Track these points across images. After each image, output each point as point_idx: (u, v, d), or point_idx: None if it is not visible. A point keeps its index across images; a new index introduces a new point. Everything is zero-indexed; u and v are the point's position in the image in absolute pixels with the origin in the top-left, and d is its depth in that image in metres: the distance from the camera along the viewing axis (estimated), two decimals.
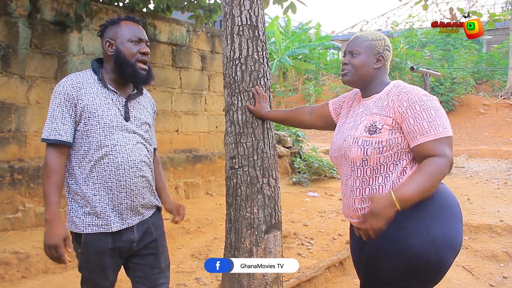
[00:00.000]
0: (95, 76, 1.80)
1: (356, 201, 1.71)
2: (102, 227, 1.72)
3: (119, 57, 1.77)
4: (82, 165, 1.73)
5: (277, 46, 18.43)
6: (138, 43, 1.80)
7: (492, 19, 3.95)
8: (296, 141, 7.88)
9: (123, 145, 1.74)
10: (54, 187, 1.68)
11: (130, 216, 1.78)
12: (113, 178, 1.72)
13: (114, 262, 1.79)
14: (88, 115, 1.71)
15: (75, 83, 1.74)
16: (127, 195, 1.75)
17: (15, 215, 3.87)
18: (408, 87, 1.67)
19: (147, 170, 1.83)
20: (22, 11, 4.00)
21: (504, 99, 16.26)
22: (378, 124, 1.65)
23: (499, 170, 8.71)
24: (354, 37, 1.85)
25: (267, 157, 2.37)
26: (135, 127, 1.81)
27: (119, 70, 1.78)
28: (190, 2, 5.04)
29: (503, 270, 3.66)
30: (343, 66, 1.82)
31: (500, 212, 4.99)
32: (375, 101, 1.74)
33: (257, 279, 2.30)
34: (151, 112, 1.97)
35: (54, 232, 1.66)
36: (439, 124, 1.57)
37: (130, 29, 1.80)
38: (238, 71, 2.36)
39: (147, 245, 1.86)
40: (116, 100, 1.79)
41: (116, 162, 1.72)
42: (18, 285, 3.04)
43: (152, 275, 1.88)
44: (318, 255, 3.70)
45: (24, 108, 4.04)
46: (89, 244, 1.73)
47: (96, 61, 1.85)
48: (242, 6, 2.35)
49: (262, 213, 2.32)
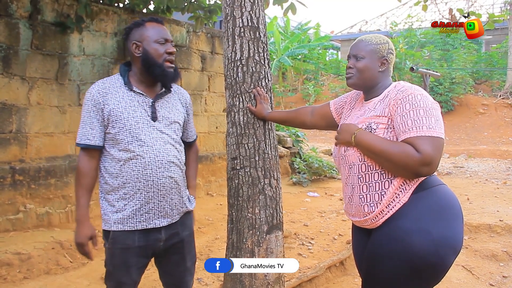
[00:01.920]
0: (122, 80, 1.85)
1: (355, 199, 1.74)
2: (128, 226, 1.79)
3: (147, 59, 1.82)
4: (112, 165, 1.80)
5: (276, 46, 18.44)
6: (164, 44, 1.85)
7: (492, 20, 3.96)
8: (296, 142, 7.89)
9: (151, 145, 1.79)
10: (84, 189, 1.80)
11: (158, 217, 1.83)
12: (140, 178, 1.77)
13: (139, 261, 1.84)
14: (115, 119, 1.78)
15: (101, 88, 1.82)
16: (154, 195, 1.80)
17: (16, 216, 3.87)
18: (406, 86, 1.68)
19: (176, 170, 1.86)
20: (22, 12, 4.00)
21: (503, 99, 16.27)
22: (373, 125, 1.68)
23: (498, 170, 8.73)
24: (358, 41, 1.86)
25: (269, 158, 2.38)
26: (163, 126, 1.85)
27: (148, 71, 1.83)
28: (190, 3, 5.05)
29: (503, 269, 3.67)
30: (348, 69, 1.83)
31: (499, 212, 5.01)
32: (374, 103, 1.77)
33: (259, 279, 2.31)
34: (183, 109, 1.99)
35: (81, 231, 1.79)
36: (424, 123, 1.55)
37: (155, 30, 1.85)
38: (240, 73, 2.37)
39: (173, 245, 1.92)
40: (142, 101, 1.83)
41: (144, 162, 1.77)
42: (20, 286, 3.05)
43: (178, 272, 1.97)
44: (319, 255, 3.71)
45: (25, 109, 4.05)
46: (116, 240, 1.80)
47: (124, 65, 1.90)
48: (243, 8, 2.36)
49: (263, 213, 2.33)
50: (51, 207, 4.12)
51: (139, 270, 1.87)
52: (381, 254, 1.65)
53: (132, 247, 1.80)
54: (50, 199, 4.12)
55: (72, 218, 4.26)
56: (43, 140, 4.19)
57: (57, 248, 3.50)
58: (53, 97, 4.26)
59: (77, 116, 4.43)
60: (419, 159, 1.50)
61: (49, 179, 4.12)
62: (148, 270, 2.91)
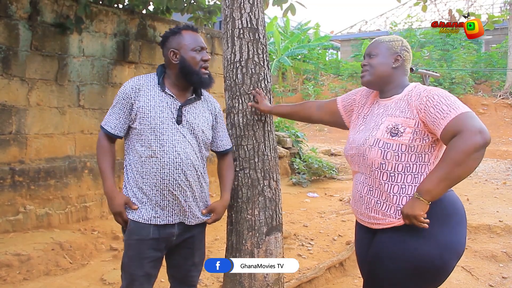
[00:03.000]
0: (157, 80, 1.94)
1: (372, 201, 1.72)
2: (143, 218, 1.88)
3: (185, 66, 1.90)
4: (134, 160, 1.90)
5: (276, 47, 18.45)
6: (200, 51, 1.93)
7: (491, 21, 3.96)
8: (296, 142, 7.90)
9: (171, 146, 1.87)
10: (107, 162, 1.94)
11: (171, 215, 1.90)
12: (158, 176, 1.86)
13: (153, 254, 1.90)
14: (142, 115, 1.87)
15: (136, 85, 1.92)
16: (169, 193, 1.87)
17: (16, 217, 3.87)
18: (427, 87, 1.69)
19: (193, 175, 1.91)
20: (22, 13, 4.00)
21: (503, 99, 16.28)
22: (400, 127, 1.65)
23: (498, 170, 8.73)
24: (372, 41, 1.89)
25: (268, 159, 2.38)
26: (186, 130, 1.91)
27: (185, 77, 1.92)
28: (190, 4, 5.06)
29: (503, 270, 3.67)
30: (363, 68, 1.85)
31: (499, 213, 5.01)
32: (396, 102, 1.75)
33: (259, 280, 2.31)
34: (210, 117, 2.05)
35: (114, 202, 1.89)
36: (457, 105, 1.55)
37: (192, 38, 1.93)
38: (239, 74, 2.37)
39: (185, 240, 1.99)
40: (171, 103, 1.91)
41: (162, 161, 1.85)
42: (20, 287, 3.05)
43: (186, 266, 2.03)
44: (319, 256, 3.72)
45: (24, 110, 4.05)
46: (132, 231, 1.89)
47: (162, 66, 1.99)
48: (243, 9, 2.36)
49: (263, 215, 2.33)
50: (51, 208, 4.13)
51: (153, 263, 1.92)
52: (385, 255, 1.65)
53: (147, 239, 1.87)
54: (49, 200, 4.13)
55: (71, 219, 4.26)
56: (42, 141, 4.19)
57: (56, 249, 3.50)
58: (52, 98, 4.26)
59: (77, 117, 4.45)
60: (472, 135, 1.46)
61: (48, 180, 4.13)
62: None
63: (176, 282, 2.08)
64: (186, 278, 2.06)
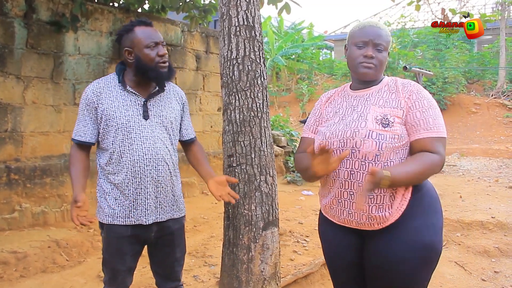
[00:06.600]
0: (117, 79, 1.91)
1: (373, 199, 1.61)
2: (118, 220, 1.86)
3: (140, 65, 1.86)
4: (105, 162, 1.89)
5: (270, 46, 18.47)
6: (155, 47, 1.87)
7: (483, 20, 4.02)
8: (290, 141, 7.93)
9: (140, 144, 1.85)
10: (76, 171, 1.87)
11: (145, 215, 1.88)
12: (129, 176, 1.85)
13: (133, 248, 1.93)
14: (107, 117, 1.85)
15: (96, 88, 1.90)
16: (142, 192, 1.86)
17: (12, 215, 3.87)
18: (410, 81, 1.70)
19: (165, 169, 1.91)
20: (17, 11, 4.00)
21: (495, 98, 16.44)
22: (390, 117, 1.61)
23: (490, 168, 8.83)
24: (377, 28, 1.72)
25: (264, 155, 2.41)
26: (154, 125, 1.90)
27: (143, 75, 1.88)
28: (185, 3, 5.06)
29: (495, 265, 3.73)
30: (368, 59, 1.67)
31: (491, 209, 5.08)
32: (376, 92, 1.70)
33: (255, 275, 2.34)
34: (177, 106, 2.03)
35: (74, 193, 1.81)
36: (441, 124, 1.62)
37: (145, 34, 1.87)
38: (236, 71, 2.40)
39: (164, 237, 1.98)
40: (135, 100, 1.89)
41: (133, 160, 1.84)
42: (17, 284, 3.06)
43: (168, 262, 2.04)
44: (314, 252, 3.75)
45: (20, 108, 4.05)
46: (110, 230, 1.90)
47: (120, 63, 1.95)
48: (239, 7, 2.39)
49: (259, 210, 2.36)
50: (47, 206, 4.13)
51: (133, 257, 1.96)
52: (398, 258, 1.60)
53: (126, 236, 1.89)
54: (45, 198, 4.13)
55: (67, 217, 4.26)
56: (38, 139, 4.19)
57: (53, 246, 3.51)
58: (48, 96, 4.26)
59: (72, 115, 4.44)
60: (440, 164, 1.59)
61: (44, 178, 4.13)
62: (144, 268, 2.95)
63: (161, 278, 2.09)
64: (170, 273, 2.08)
